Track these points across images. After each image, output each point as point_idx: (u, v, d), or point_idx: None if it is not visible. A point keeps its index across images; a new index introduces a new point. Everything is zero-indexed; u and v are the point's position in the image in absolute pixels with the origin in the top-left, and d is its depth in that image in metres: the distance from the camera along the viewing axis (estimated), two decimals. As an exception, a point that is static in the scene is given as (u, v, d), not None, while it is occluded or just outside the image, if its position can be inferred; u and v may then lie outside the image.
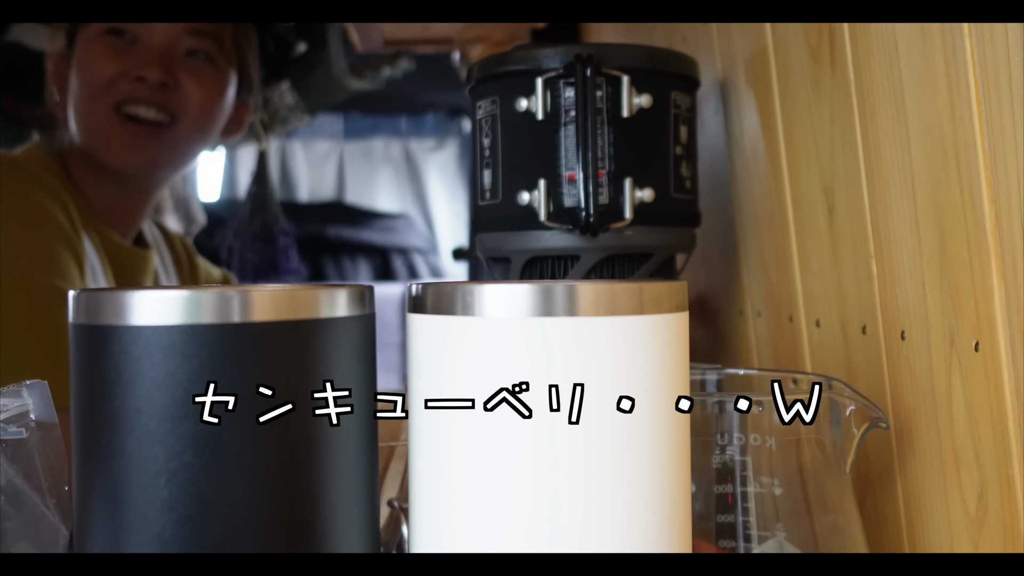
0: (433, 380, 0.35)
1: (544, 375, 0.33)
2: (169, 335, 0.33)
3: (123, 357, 0.33)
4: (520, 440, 0.33)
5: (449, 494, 0.35)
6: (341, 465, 0.36)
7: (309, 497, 0.35)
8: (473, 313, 0.34)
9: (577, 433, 0.33)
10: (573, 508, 0.33)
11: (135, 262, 1.08)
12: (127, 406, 0.33)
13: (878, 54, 0.53)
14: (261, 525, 0.34)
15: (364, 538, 0.37)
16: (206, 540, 0.33)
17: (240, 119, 1.15)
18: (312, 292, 0.35)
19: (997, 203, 0.43)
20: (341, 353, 0.36)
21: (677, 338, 0.35)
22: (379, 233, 3.27)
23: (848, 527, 0.49)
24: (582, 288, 0.33)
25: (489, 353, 0.33)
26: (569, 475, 0.33)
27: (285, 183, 3.50)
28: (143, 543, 0.33)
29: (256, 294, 0.34)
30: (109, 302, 0.34)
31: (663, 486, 0.34)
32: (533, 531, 0.33)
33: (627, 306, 0.34)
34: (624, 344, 0.33)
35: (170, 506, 0.33)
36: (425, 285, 0.36)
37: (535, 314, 0.33)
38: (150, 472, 0.33)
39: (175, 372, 0.33)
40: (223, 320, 0.33)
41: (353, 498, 0.36)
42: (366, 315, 0.37)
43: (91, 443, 0.34)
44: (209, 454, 0.33)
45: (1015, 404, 0.43)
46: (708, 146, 0.80)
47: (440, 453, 0.35)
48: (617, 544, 0.34)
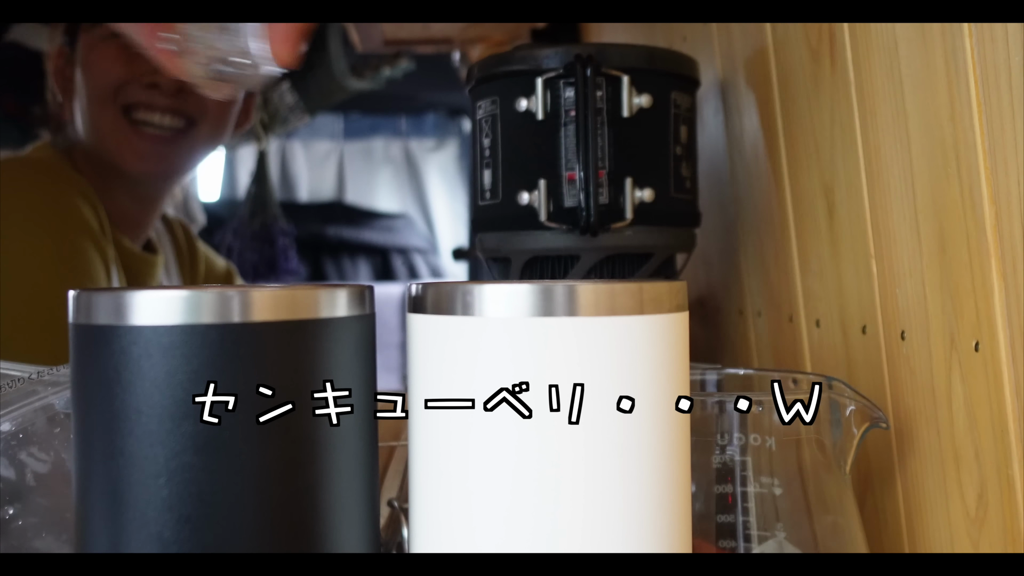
0: (433, 380, 0.35)
1: (544, 375, 0.33)
2: (169, 335, 0.33)
3: (123, 357, 0.33)
4: (520, 440, 0.33)
5: (449, 494, 0.35)
6: (341, 465, 0.36)
7: (309, 497, 0.35)
8: (473, 313, 0.34)
9: (577, 433, 0.33)
10: (573, 508, 0.33)
11: (144, 268, 1.06)
12: (127, 406, 0.33)
13: (878, 54, 0.53)
14: (261, 525, 0.34)
15: (364, 538, 0.37)
16: (206, 540, 0.33)
17: (248, 111, 1.11)
18: (312, 292, 0.35)
19: (997, 203, 0.43)
20: (341, 353, 0.36)
21: (677, 338, 0.35)
22: (379, 233, 3.27)
23: (848, 527, 0.49)
24: (582, 288, 0.33)
25: (489, 353, 0.33)
26: (569, 475, 0.33)
27: (285, 183, 3.50)
28: (143, 543, 0.33)
29: (256, 294, 0.34)
30: (109, 302, 0.34)
31: (663, 486, 0.34)
32: (533, 531, 0.33)
33: (627, 306, 0.34)
34: (624, 344, 0.33)
35: (170, 506, 0.33)
36: (425, 285, 0.36)
37: (535, 314, 0.33)
38: (150, 472, 0.33)
39: (175, 372, 0.33)
40: (223, 320, 0.33)
41: (353, 498, 0.36)
42: (366, 315, 0.37)
43: (91, 443, 0.34)
44: (209, 454, 0.33)
45: (1015, 404, 0.43)
46: (708, 146, 0.80)
47: (440, 453, 0.35)
48: (617, 544, 0.34)
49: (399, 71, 1.86)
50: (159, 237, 1.16)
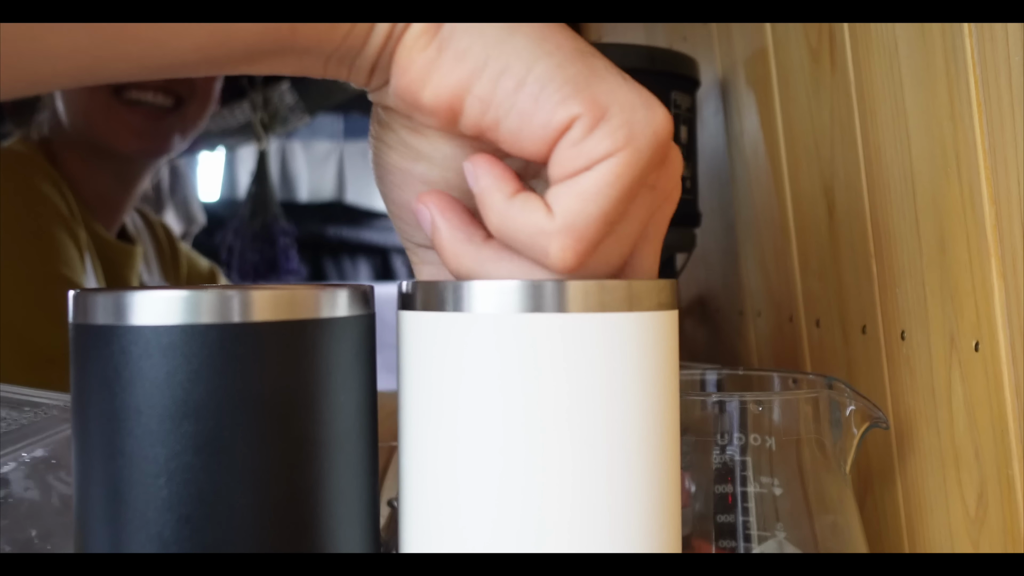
0: (422, 376, 0.35)
1: (532, 371, 0.33)
2: (169, 335, 0.33)
3: (123, 357, 0.33)
4: (508, 436, 0.33)
5: (437, 492, 0.35)
6: (341, 465, 0.36)
7: (309, 497, 0.35)
8: (462, 309, 0.34)
9: (565, 429, 0.33)
10: (561, 506, 0.33)
11: (121, 257, 1.08)
12: (127, 406, 0.33)
13: (878, 54, 0.53)
14: (261, 525, 0.34)
15: (364, 538, 0.37)
16: (206, 540, 0.33)
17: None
18: (312, 292, 0.35)
19: (997, 203, 0.43)
20: (341, 353, 0.36)
21: (667, 336, 0.35)
22: (379, 233, 3.27)
23: (848, 527, 0.49)
24: (571, 284, 0.33)
25: (477, 349, 0.33)
26: (557, 472, 0.33)
27: (285, 183, 3.50)
28: (143, 543, 0.33)
29: (256, 294, 0.34)
30: (108, 302, 0.34)
31: (652, 484, 0.34)
32: (520, 529, 0.33)
33: (617, 303, 0.33)
34: (613, 341, 0.33)
35: (170, 506, 0.33)
36: (415, 282, 0.36)
37: (524, 310, 0.33)
38: (150, 472, 0.33)
39: (175, 372, 0.33)
40: (223, 320, 0.33)
41: (353, 498, 0.36)
42: (367, 315, 0.37)
43: (91, 443, 0.34)
44: (209, 454, 0.33)
45: (1015, 404, 0.43)
46: (708, 146, 0.80)
47: (428, 450, 0.35)
48: (606, 544, 0.34)
49: (399, 71, 1.85)
50: (138, 232, 1.17)
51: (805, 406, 0.49)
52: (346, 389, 0.36)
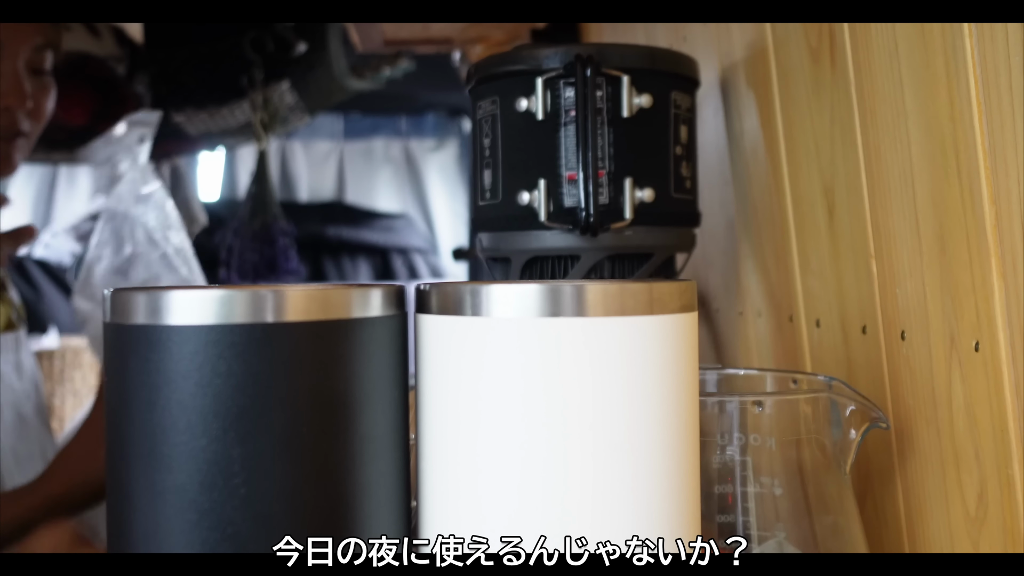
0: (441, 381, 0.35)
1: (552, 375, 0.33)
2: (202, 334, 0.33)
3: (156, 356, 0.33)
4: (528, 441, 0.33)
5: (457, 497, 0.35)
6: (374, 463, 0.36)
7: (342, 495, 0.35)
8: (481, 313, 0.34)
9: (586, 434, 0.33)
10: (582, 509, 0.33)
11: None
12: (159, 405, 0.33)
13: (878, 54, 0.53)
14: (294, 523, 0.34)
15: (395, 535, 0.37)
16: (240, 539, 0.33)
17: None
18: (346, 292, 0.35)
19: (997, 203, 0.43)
20: (374, 353, 0.36)
21: (686, 338, 0.35)
22: (379, 233, 3.27)
23: (848, 527, 0.49)
24: (591, 288, 0.33)
25: (497, 353, 0.33)
26: (578, 476, 0.33)
27: (285, 183, 3.50)
28: (177, 542, 0.33)
29: (290, 293, 0.34)
30: (142, 301, 0.34)
31: (672, 486, 0.34)
32: (542, 531, 0.33)
33: (636, 306, 0.33)
34: (633, 344, 0.33)
35: (205, 503, 0.33)
36: (433, 285, 0.36)
37: (544, 314, 0.33)
38: (184, 471, 0.33)
39: (208, 371, 0.33)
40: (256, 320, 0.33)
41: (385, 496, 0.36)
42: (399, 315, 0.37)
43: (124, 442, 0.35)
44: (241, 453, 0.33)
45: (1015, 404, 0.43)
46: (708, 146, 0.80)
47: (448, 454, 0.35)
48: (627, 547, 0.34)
49: (399, 71, 1.86)
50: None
51: (805, 406, 0.49)
52: (379, 388, 0.36)
